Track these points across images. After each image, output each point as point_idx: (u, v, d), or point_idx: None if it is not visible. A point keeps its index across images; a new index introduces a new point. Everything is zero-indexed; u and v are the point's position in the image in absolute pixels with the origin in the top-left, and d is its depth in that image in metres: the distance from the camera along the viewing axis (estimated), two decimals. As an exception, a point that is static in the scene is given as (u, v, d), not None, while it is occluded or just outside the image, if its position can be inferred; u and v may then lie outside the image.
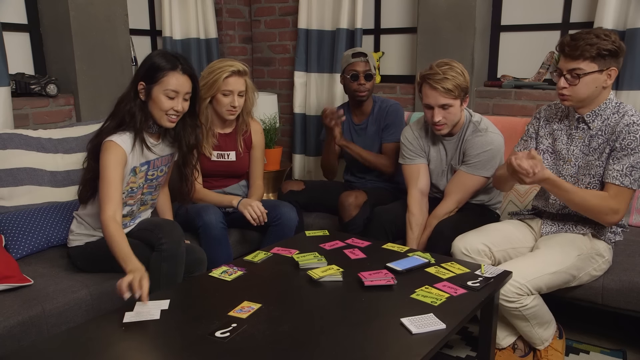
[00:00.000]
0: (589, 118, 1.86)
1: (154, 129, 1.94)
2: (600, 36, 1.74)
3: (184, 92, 1.88)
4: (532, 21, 2.98)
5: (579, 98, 1.81)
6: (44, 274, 1.89)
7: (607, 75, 1.78)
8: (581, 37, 1.76)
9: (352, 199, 2.45)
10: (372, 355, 1.26)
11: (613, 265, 1.94)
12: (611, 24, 2.53)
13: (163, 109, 1.86)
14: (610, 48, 1.74)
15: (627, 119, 1.79)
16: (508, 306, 1.77)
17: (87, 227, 1.99)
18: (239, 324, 1.38)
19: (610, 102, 1.84)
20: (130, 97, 1.87)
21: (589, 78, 1.77)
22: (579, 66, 1.76)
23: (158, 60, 1.85)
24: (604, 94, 1.83)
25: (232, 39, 3.69)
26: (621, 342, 2.13)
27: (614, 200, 1.79)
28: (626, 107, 1.83)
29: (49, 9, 2.68)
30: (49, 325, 1.69)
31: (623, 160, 1.78)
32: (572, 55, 1.77)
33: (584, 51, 1.74)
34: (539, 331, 1.87)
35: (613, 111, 1.84)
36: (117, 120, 1.87)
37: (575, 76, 1.77)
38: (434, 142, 2.29)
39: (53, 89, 2.59)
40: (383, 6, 3.41)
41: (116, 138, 1.83)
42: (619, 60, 1.79)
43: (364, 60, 2.55)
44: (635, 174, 1.77)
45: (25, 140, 2.28)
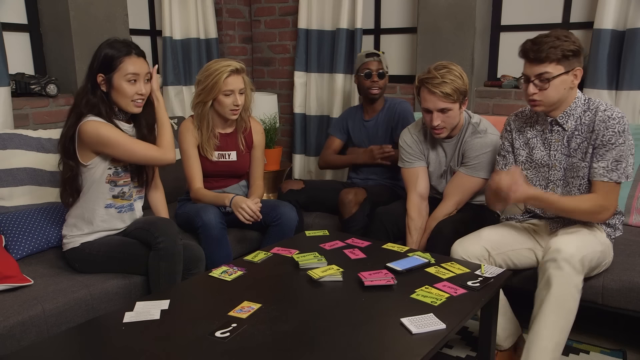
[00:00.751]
0: (562, 120, 1.85)
1: (121, 115, 1.97)
2: (560, 38, 1.74)
3: (144, 74, 1.91)
4: (532, 21, 2.98)
5: (550, 102, 1.80)
6: (44, 274, 1.89)
7: (573, 75, 1.78)
8: (543, 40, 1.75)
9: (351, 196, 2.45)
10: (372, 355, 1.26)
11: (613, 265, 1.94)
12: (611, 24, 2.54)
13: (128, 95, 1.89)
14: (572, 48, 1.74)
15: (601, 114, 1.79)
16: (564, 287, 1.66)
17: (80, 228, 1.98)
18: (239, 324, 1.38)
19: (579, 100, 1.84)
20: (87, 90, 1.89)
21: (558, 80, 1.76)
22: (546, 70, 1.75)
23: (109, 49, 1.87)
24: (572, 93, 1.83)
25: (232, 39, 3.69)
26: (621, 342, 2.13)
27: (603, 198, 1.79)
28: (596, 103, 1.83)
29: (49, 8, 2.68)
30: (49, 325, 1.69)
31: (606, 156, 1.78)
32: (538, 59, 1.76)
33: (549, 54, 1.73)
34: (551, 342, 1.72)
35: (584, 108, 1.83)
36: (76, 115, 1.89)
37: (544, 80, 1.77)
38: (433, 145, 2.29)
39: (53, 89, 2.59)
40: (383, 6, 3.41)
41: (91, 118, 1.86)
42: (581, 59, 1.79)
43: (377, 59, 2.62)
44: (620, 167, 1.77)
45: (26, 140, 2.28)
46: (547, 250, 1.71)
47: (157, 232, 1.87)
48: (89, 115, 1.86)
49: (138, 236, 1.96)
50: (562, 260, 1.65)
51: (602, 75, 2.59)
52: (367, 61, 2.62)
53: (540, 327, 1.69)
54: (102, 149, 1.88)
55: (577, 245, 1.71)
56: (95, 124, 1.85)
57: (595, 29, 2.58)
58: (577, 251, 1.68)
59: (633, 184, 2.39)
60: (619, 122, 1.76)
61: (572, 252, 1.66)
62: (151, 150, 1.93)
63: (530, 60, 1.79)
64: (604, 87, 2.60)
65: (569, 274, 1.65)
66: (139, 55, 1.91)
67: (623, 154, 1.77)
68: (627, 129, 1.77)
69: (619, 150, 1.77)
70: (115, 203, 2.00)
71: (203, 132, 2.35)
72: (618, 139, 1.76)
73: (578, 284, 1.67)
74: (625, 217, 2.38)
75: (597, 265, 1.82)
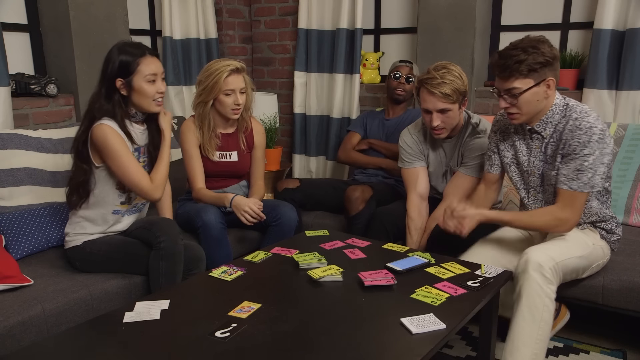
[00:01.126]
0: (539, 127, 1.82)
1: (139, 117, 1.97)
2: (527, 50, 1.69)
3: (160, 72, 1.94)
4: (532, 21, 2.98)
5: (526, 114, 1.78)
6: (44, 274, 1.89)
7: (545, 86, 1.73)
8: (509, 54, 1.71)
9: (358, 193, 2.46)
10: (372, 355, 1.26)
11: (613, 265, 1.94)
12: (611, 24, 2.54)
13: (149, 95, 1.91)
14: (541, 60, 1.69)
15: (571, 123, 1.75)
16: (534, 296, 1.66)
17: (84, 227, 1.99)
18: (239, 324, 1.38)
19: (557, 107, 1.79)
20: (101, 95, 1.90)
21: (528, 94, 1.72)
22: (513, 85, 1.72)
23: (124, 55, 1.88)
24: (549, 101, 1.78)
25: (232, 39, 3.69)
26: (621, 342, 2.13)
27: (562, 210, 1.76)
28: (572, 110, 1.77)
29: (48, 8, 2.68)
30: (49, 325, 1.69)
31: (570, 165, 1.74)
32: (504, 76, 1.73)
33: (514, 70, 1.70)
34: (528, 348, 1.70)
35: (561, 115, 1.79)
36: (89, 118, 1.90)
37: (513, 95, 1.74)
38: (433, 145, 2.29)
39: (53, 89, 2.59)
40: (383, 6, 3.41)
41: (104, 122, 1.87)
42: (554, 67, 1.73)
43: (409, 66, 2.77)
44: (582, 177, 1.72)
45: (25, 140, 2.28)
46: (519, 261, 1.71)
47: (158, 232, 1.87)
48: (103, 119, 1.88)
49: (139, 236, 1.96)
50: (531, 270, 1.65)
51: (602, 76, 2.59)
52: (400, 65, 2.78)
53: (515, 339, 1.68)
54: (103, 156, 1.89)
55: (550, 253, 1.69)
56: (105, 129, 1.86)
57: (595, 29, 2.57)
58: (547, 260, 1.66)
59: (633, 184, 2.39)
60: (586, 132, 1.70)
61: (541, 261, 1.65)
62: (143, 181, 1.91)
63: (498, 76, 1.76)
64: (604, 87, 2.60)
65: (539, 283, 1.64)
66: (152, 55, 1.93)
67: (587, 164, 1.71)
68: (596, 139, 1.70)
69: (582, 160, 1.71)
70: (122, 209, 2.02)
71: (204, 132, 2.34)
72: (583, 149, 1.71)
73: (550, 294, 1.66)
74: (625, 217, 2.38)
75: (577, 270, 1.80)
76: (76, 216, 1.99)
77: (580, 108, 1.77)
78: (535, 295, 1.65)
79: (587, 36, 2.81)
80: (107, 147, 1.86)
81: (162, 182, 1.97)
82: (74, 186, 1.94)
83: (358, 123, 2.95)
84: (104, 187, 1.95)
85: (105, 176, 1.94)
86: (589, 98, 2.64)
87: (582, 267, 1.81)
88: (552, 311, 1.67)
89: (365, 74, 3.35)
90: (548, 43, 1.73)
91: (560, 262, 1.69)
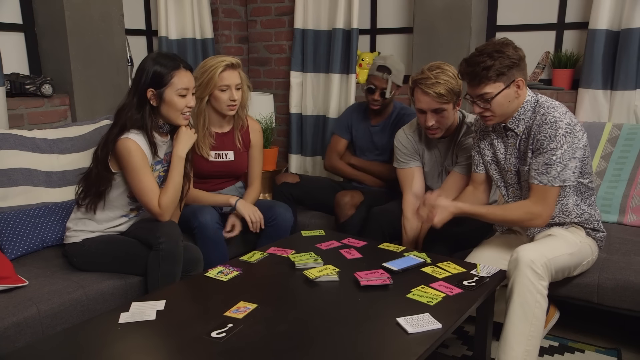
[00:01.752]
0: (512, 125, 1.84)
1: (165, 128, 1.98)
2: (493, 55, 1.71)
3: (192, 87, 1.95)
4: (527, 21, 2.99)
5: (500, 115, 1.80)
6: (39, 275, 1.88)
7: (515, 87, 1.76)
8: (476, 61, 1.73)
9: (348, 199, 2.45)
10: (368, 354, 1.27)
11: (608, 264, 1.95)
12: (606, 24, 2.55)
13: (179, 108, 1.92)
14: (508, 63, 1.71)
15: (538, 118, 1.77)
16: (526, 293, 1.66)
17: (87, 225, 1.99)
18: (235, 324, 1.38)
19: (529, 104, 1.81)
20: (132, 105, 1.90)
21: (499, 97, 1.75)
22: (484, 91, 1.75)
23: (158, 66, 1.89)
24: (521, 100, 1.80)
25: (228, 39, 3.68)
26: (616, 341, 2.14)
27: (533, 203, 1.78)
28: (540, 106, 1.79)
29: (44, 8, 2.67)
30: (44, 326, 1.68)
31: (538, 159, 1.77)
32: (474, 84, 1.76)
33: (483, 77, 1.72)
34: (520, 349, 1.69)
35: (532, 111, 1.81)
36: (119, 127, 1.90)
37: (485, 100, 1.76)
38: (428, 145, 2.29)
39: (48, 89, 2.58)
40: (379, 6, 3.41)
41: (131, 136, 1.87)
42: (522, 67, 1.76)
43: (385, 77, 2.53)
44: (552, 171, 1.74)
45: (20, 140, 2.27)
46: (510, 259, 1.72)
47: (159, 233, 1.87)
48: (130, 132, 1.88)
49: (139, 236, 1.96)
50: (522, 266, 1.66)
51: (597, 75, 2.60)
52: (376, 75, 2.55)
53: (507, 336, 1.69)
54: (122, 168, 1.90)
55: (541, 250, 1.71)
56: (130, 145, 1.86)
57: (590, 29, 2.59)
58: (539, 256, 1.67)
59: (628, 183, 2.40)
60: (552, 126, 1.72)
61: (533, 257, 1.66)
62: (153, 202, 1.90)
63: (468, 83, 1.79)
64: (599, 87, 2.61)
65: (530, 280, 1.65)
66: (186, 69, 1.93)
67: (555, 158, 1.73)
68: (562, 133, 1.71)
69: (550, 155, 1.73)
70: (131, 215, 2.05)
71: (198, 130, 2.32)
72: (549, 143, 1.73)
73: (541, 290, 1.67)
74: (620, 216, 2.39)
75: (568, 267, 1.81)
76: (82, 213, 2.00)
77: (548, 103, 1.79)
78: (527, 292, 1.65)
79: (582, 36, 2.82)
80: (129, 162, 1.87)
81: (169, 205, 1.93)
82: (88, 187, 1.95)
83: (343, 125, 2.79)
84: (117, 193, 1.97)
85: (120, 183, 1.95)
86: (584, 98, 2.65)
87: (573, 264, 1.82)
88: (544, 308, 1.68)
89: (362, 74, 3.35)
90: (512, 45, 1.75)
91: (551, 258, 1.71)
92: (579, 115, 2.67)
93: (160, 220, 1.94)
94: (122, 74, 2.88)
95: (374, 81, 2.55)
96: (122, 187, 1.96)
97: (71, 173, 2.35)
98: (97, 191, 1.94)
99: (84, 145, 2.44)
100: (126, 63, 2.93)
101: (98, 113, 2.75)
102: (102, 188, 1.93)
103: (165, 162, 2.03)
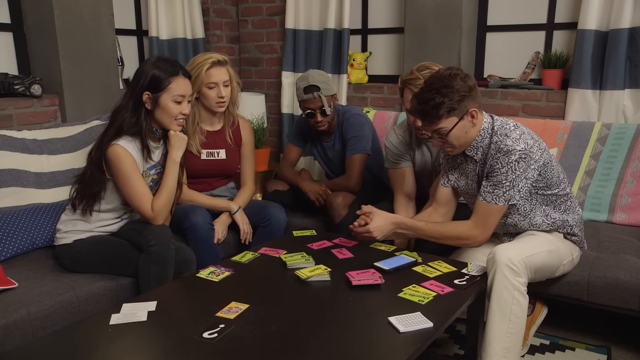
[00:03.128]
0: (471, 152, 1.84)
1: (158, 134, 1.98)
2: (441, 91, 1.70)
3: (188, 95, 1.94)
4: (517, 21, 3.01)
5: (460, 146, 1.80)
6: (29, 277, 1.87)
7: (470, 117, 1.76)
8: (425, 98, 1.72)
9: (340, 199, 2.45)
10: (360, 354, 1.27)
11: (598, 262, 1.97)
12: (594, 25, 2.57)
13: (173, 115, 1.92)
14: (458, 98, 1.71)
15: (492, 147, 1.77)
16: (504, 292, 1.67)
17: (76, 224, 1.98)
18: (226, 325, 1.38)
19: (485, 131, 1.80)
20: (128, 108, 1.89)
21: (455, 131, 1.75)
22: (438, 127, 1.75)
23: (157, 70, 1.88)
24: (477, 128, 1.79)
25: (220, 39, 3.67)
26: (606, 339, 2.16)
27: (474, 226, 1.79)
28: (495, 133, 1.78)
29: (32, 8, 2.65)
30: (34, 329, 1.67)
31: (489, 179, 1.78)
32: (426, 121, 1.76)
33: (434, 116, 1.72)
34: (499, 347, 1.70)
35: (489, 139, 1.80)
36: (114, 129, 1.89)
37: (441, 135, 1.77)
38: (419, 145, 2.30)
39: (37, 90, 2.56)
40: (370, 6, 3.42)
41: (122, 143, 1.87)
42: (473, 96, 1.74)
43: (317, 96, 2.40)
44: (497, 191, 1.75)
45: (9, 141, 2.25)
46: (488, 257, 1.72)
47: (150, 235, 1.86)
48: (123, 137, 1.87)
49: (130, 238, 1.95)
50: (499, 263, 1.66)
51: (586, 76, 2.62)
52: (307, 99, 2.42)
53: (487, 333, 1.70)
54: (112, 175, 1.89)
55: (518, 248, 1.72)
56: (119, 152, 1.85)
57: (579, 30, 2.61)
58: (516, 254, 1.68)
59: (617, 182, 2.43)
60: (505, 154, 1.72)
61: (510, 255, 1.67)
62: (145, 206, 1.90)
63: (421, 120, 1.79)
64: (588, 87, 2.63)
65: (507, 277, 1.65)
66: (185, 76, 1.92)
67: (505, 182, 1.73)
68: (517, 159, 1.71)
69: (501, 179, 1.74)
70: (124, 216, 2.04)
71: (188, 127, 2.32)
72: (501, 168, 1.74)
73: (519, 287, 1.67)
74: (609, 215, 2.41)
75: (549, 266, 1.81)
76: (72, 215, 1.98)
77: (502, 130, 1.78)
78: (504, 289, 1.66)
79: (572, 36, 2.84)
80: (119, 168, 1.86)
81: (162, 209, 1.93)
82: (83, 190, 1.93)
83: (298, 135, 2.69)
84: (112, 196, 1.96)
85: (114, 187, 1.94)
86: (573, 98, 2.67)
87: (553, 263, 1.83)
88: (523, 305, 1.68)
89: (353, 74, 3.36)
90: (460, 76, 1.73)
91: (529, 255, 1.71)
92: (569, 115, 2.70)
93: (154, 224, 1.93)
94: (113, 74, 2.87)
95: (309, 105, 2.44)
96: (116, 191, 1.95)
97: (61, 174, 2.34)
98: (92, 193, 1.92)
99: (74, 145, 2.42)
100: (117, 63, 2.92)
101: (88, 113, 2.74)
102: (96, 189, 1.91)
103: (159, 165, 2.02)
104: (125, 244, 1.94)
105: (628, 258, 1.99)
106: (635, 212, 2.37)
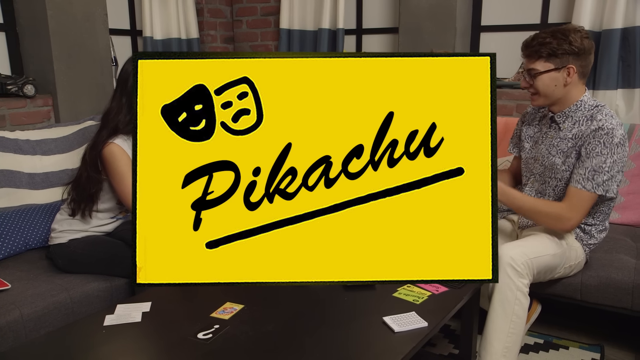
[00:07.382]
0: (559, 118, 1.84)
1: None
2: (556, 36, 1.73)
3: None
4: (511, 22, 3.02)
5: (545, 96, 1.80)
6: (22, 278, 1.86)
7: (565, 73, 1.75)
8: (537, 36, 1.76)
9: None
10: (355, 354, 1.27)
11: (592, 262, 1.98)
12: (588, 25, 2.58)
13: None
14: (566, 48, 1.72)
15: (594, 124, 1.75)
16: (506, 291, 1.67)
17: (71, 223, 1.97)
18: (221, 326, 1.37)
19: (583, 104, 1.79)
20: (121, 107, 1.88)
21: (545, 77, 1.76)
22: (533, 66, 1.77)
23: None
24: (573, 93, 1.79)
25: (214, 39, 3.67)
26: (599, 337, 2.17)
27: (569, 208, 1.75)
28: (598, 112, 1.77)
29: (25, 8, 2.63)
30: (28, 330, 1.66)
31: (586, 164, 1.74)
32: (527, 56, 1.79)
33: (535, 52, 1.75)
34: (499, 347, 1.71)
35: (587, 116, 1.79)
36: (109, 129, 1.88)
37: (531, 76, 1.79)
38: None
39: (31, 90, 2.54)
40: (365, 6, 3.43)
41: (118, 142, 1.86)
42: (581, 58, 1.74)
43: None
44: (597, 178, 1.71)
45: (2, 141, 2.23)
46: None
47: None
48: (120, 136, 1.87)
49: (125, 238, 1.95)
50: (504, 264, 1.66)
51: (580, 75, 2.64)
52: None
53: (488, 332, 1.71)
54: (107, 174, 1.89)
55: (522, 249, 1.72)
56: (115, 150, 1.85)
57: (573, 30, 2.62)
58: (520, 254, 1.68)
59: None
60: (608, 133, 1.71)
61: (513, 255, 1.67)
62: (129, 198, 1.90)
63: (524, 55, 1.81)
64: (582, 87, 2.64)
65: (511, 278, 1.66)
66: None
67: (604, 166, 1.71)
68: (617, 142, 1.71)
69: (600, 161, 1.71)
70: (120, 215, 2.04)
71: None
72: (603, 149, 1.71)
73: (522, 287, 1.68)
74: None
75: (552, 268, 1.82)
76: (67, 214, 1.98)
77: (607, 110, 1.78)
78: (507, 289, 1.67)
79: (565, 37, 2.85)
80: (114, 167, 1.85)
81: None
82: (80, 194, 1.92)
83: None
84: (108, 197, 1.95)
85: (110, 187, 1.94)
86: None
87: (556, 264, 1.83)
88: (524, 305, 1.69)
89: (348, 74, 3.36)
90: (582, 34, 1.74)
91: (533, 258, 1.72)
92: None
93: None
94: (107, 75, 2.86)
95: None
96: (111, 190, 1.94)
97: (55, 174, 2.32)
98: (89, 194, 1.92)
99: (68, 146, 2.41)
100: (110, 63, 2.90)
101: (82, 114, 2.73)
102: (93, 190, 1.91)
103: None
104: (120, 244, 1.94)
105: (621, 257, 2.00)
106: (628, 211, 2.38)
